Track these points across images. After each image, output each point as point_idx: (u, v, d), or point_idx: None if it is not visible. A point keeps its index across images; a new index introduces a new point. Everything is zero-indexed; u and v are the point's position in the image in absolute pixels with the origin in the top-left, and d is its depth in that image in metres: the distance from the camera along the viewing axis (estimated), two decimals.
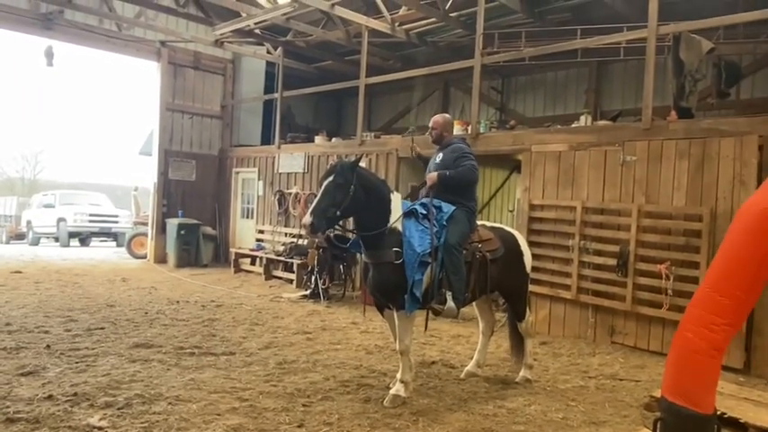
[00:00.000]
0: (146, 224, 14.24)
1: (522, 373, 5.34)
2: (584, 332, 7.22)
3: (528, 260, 5.38)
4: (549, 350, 6.69)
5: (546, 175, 7.76)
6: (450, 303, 4.62)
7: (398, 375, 4.66)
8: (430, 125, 5.23)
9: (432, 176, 4.86)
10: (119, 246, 17.63)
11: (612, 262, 6.83)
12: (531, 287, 5.71)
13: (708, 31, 7.42)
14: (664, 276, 6.32)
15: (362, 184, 4.47)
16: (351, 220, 4.79)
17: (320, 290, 9.27)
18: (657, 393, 4.10)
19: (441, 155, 5.09)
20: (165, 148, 13.30)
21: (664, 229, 6.56)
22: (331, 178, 4.40)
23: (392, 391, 4.56)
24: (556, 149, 7.67)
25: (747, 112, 7.79)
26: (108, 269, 12.07)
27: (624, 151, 6.95)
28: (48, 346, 5.58)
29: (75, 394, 4.25)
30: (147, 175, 14.67)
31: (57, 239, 18.12)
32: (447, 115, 5.40)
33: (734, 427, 4.22)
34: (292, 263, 10.56)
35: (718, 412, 3.80)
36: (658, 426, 3.60)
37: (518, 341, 5.43)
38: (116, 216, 18.78)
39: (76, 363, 5.13)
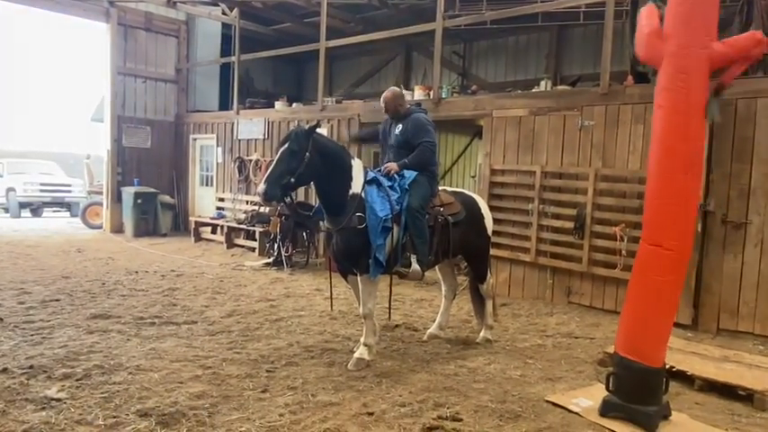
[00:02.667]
0: (100, 193, 13.79)
1: (482, 334, 5.48)
2: (542, 293, 7.42)
3: (489, 223, 5.46)
4: (508, 311, 6.87)
5: (506, 140, 7.82)
6: (416, 266, 4.69)
7: (362, 339, 4.72)
8: (381, 104, 5.18)
9: (391, 167, 4.84)
10: (73, 216, 17.05)
11: (570, 225, 6.99)
12: (492, 251, 5.81)
13: None
14: (618, 238, 6.52)
15: (319, 150, 4.42)
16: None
17: (283, 257, 9.22)
18: (611, 350, 4.28)
19: (400, 126, 5.06)
20: (117, 114, 12.78)
21: (619, 192, 6.73)
22: (286, 146, 4.35)
23: (356, 355, 4.62)
24: (516, 114, 7.72)
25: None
26: (62, 240, 11.70)
27: (582, 116, 7.05)
28: (0, 320, 5.41)
29: (32, 367, 4.16)
30: (99, 142, 14.14)
31: (6, 210, 17.40)
32: (394, 88, 5.33)
33: (681, 379, 4.45)
34: (254, 231, 10.45)
35: (667, 366, 4.00)
36: (611, 380, 3.77)
37: (480, 303, 5.55)
38: (69, 185, 18.10)
39: (31, 335, 5.00)
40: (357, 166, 4.65)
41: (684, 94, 3.41)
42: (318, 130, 4.55)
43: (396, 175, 4.78)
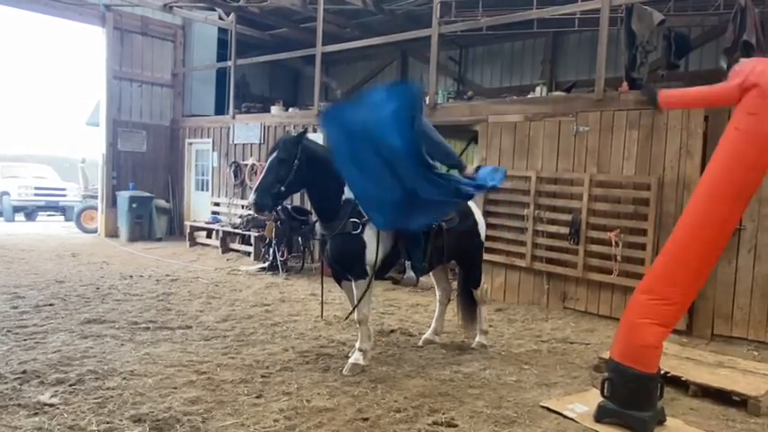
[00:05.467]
0: (95, 197, 13.75)
1: (477, 339, 5.48)
2: (537, 298, 7.43)
3: (482, 228, 5.47)
4: (504, 316, 6.87)
5: (502, 145, 7.84)
6: (410, 272, 4.70)
7: (357, 344, 4.71)
8: None
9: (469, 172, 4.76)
10: (67, 220, 16.98)
11: (565, 230, 7.00)
12: (488, 256, 5.82)
13: (659, 3, 7.56)
14: (613, 243, 6.53)
15: (309, 157, 4.42)
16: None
17: (278, 262, 9.21)
18: (606, 355, 4.28)
19: None
20: (113, 118, 12.76)
21: (614, 197, 6.75)
22: (274, 154, 4.37)
23: (351, 360, 4.62)
24: (512, 120, 7.75)
25: (695, 84, 7.99)
26: (56, 244, 11.64)
27: (577, 122, 7.08)
28: None
29: (25, 372, 4.13)
30: (95, 146, 14.11)
31: (0, 214, 17.34)
32: None
33: (676, 384, 4.46)
34: (250, 235, 10.43)
35: (662, 371, 4.01)
36: (606, 385, 3.77)
37: (469, 308, 5.54)
38: (63, 189, 18.03)
39: (24, 340, 4.97)
40: None
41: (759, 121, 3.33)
42: (311, 135, 4.56)
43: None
